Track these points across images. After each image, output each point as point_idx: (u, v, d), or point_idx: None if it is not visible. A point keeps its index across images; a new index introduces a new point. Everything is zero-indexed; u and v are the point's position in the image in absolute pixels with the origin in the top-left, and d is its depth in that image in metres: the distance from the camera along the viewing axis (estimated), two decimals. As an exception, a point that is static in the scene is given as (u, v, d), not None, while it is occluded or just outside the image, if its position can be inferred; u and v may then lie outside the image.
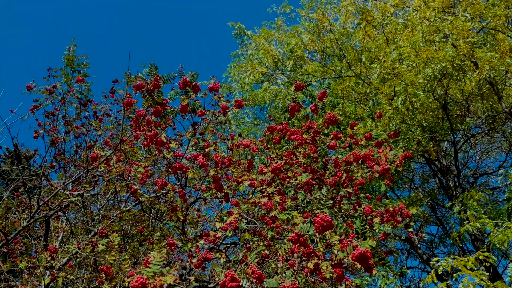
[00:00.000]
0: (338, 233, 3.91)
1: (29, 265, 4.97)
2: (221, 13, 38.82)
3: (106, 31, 36.59)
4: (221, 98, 5.09)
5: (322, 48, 12.31)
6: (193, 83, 4.78)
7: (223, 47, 41.04)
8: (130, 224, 6.23)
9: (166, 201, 5.71)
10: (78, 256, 5.34)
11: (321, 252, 4.01)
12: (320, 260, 4.04)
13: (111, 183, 5.76)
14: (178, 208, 5.24)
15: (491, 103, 10.36)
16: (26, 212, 5.92)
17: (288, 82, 12.90)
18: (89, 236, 5.51)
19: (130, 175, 5.27)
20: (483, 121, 11.63)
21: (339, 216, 5.80)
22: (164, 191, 5.46)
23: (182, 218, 5.20)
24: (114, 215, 5.99)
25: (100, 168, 5.09)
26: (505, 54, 8.45)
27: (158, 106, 4.52)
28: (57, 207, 5.20)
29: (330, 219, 2.98)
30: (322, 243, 4.04)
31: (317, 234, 3.51)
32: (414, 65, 8.55)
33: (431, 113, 9.63)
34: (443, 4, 9.07)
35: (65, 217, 5.98)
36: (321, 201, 4.73)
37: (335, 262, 3.59)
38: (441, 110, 9.71)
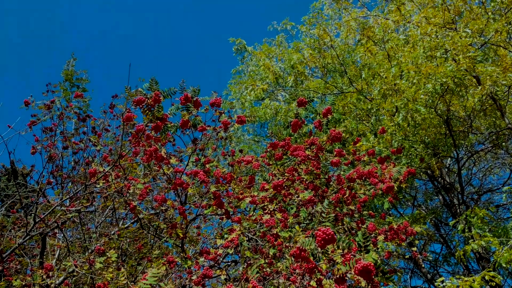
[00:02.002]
0: (340, 247, 3.81)
1: (24, 284, 4.83)
2: (221, 31, 39.15)
3: (106, 46, 36.84)
4: (223, 114, 5.02)
5: (323, 64, 12.30)
6: (195, 99, 4.72)
7: (223, 64, 41.33)
8: (128, 241, 6.09)
9: (166, 218, 5.59)
10: (75, 274, 5.20)
11: (324, 268, 3.90)
12: (323, 276, 3.92)
13: (110, 200, 5.65)
14: (177, 225, 5.13)
15: (494, 119, 10.30)
16: (22, 229, 5.79)
17: (289, 99, 12.87)
18: (86, 254, 5.37)
19: (129, 191, 5.16)
20: (486, 137, 11.55)
21: (341, 231, 5.69)
22: (163, 208, 5.36)
23: (181, 236, 5.08)
24: (112, 232, 5.86)
25: (98, 184, 4.99)
26: (507, 69, 8.42)
27: (158, 121, 4.44)
28: (53, 224, 5.08)
29: (332, 232, 2.90)
30: (324, 258, 3.94)
31: (319, 249, 3.41)
32: (415, 81, 8.51)
33: (433, 129, 9.56)
34: (444, 20, 9.07)
35: (62, 235, 5.85)
36: (323, 214, 4.63)
37: (338, 276, 3.48)
38: (443, 126, 9.65)
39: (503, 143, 11.77)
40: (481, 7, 9.27)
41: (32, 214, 4.86)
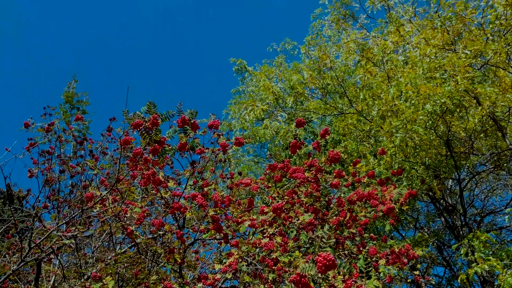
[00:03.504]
0: (341, 273, 3.73)
1: (17, 311, 4.72)
2: (221, 51, 39.40)
3: (105, 68, 36.97)
4: (221, 136, 4.97)
5: (323, 85, 12.32)
6: (192, 121, 4.67)
7: (223, 84, 41.44)
8: (125, 267, 5.98)
9: (163, 243, 5.50)
10: (70, 301, 5.09)
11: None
12: (324, 303, 3.83)
13: (107, 224, 5.56)
14: (175, 250, 5.03)
15: (495, 140, 10.25)
16: (17, 254, 5.69)
17: (289, 119, 12.85)
18: (82, 280, 5.26)
19: (126, 215, 5.09)
20: (488, 158, 11.48)
21: (342, 256, 5.59)
22: (161, 232, 5.27)
23: (179, 261, 4.99)
24: (109, 257, 5.75)
25: (95, 209, 4.92)
26: (507, 90, 8.40)
27: (156, 144, 4.39)
28: (49, 250, 4.99)
29: (333, 258, 2.85)
30: (325, 284, 3.85)
31: (319, 275, 3.35)
32: (413, 102, 8.49)
33: (434, 150, 9.50)
34: (443, 41, 9.09)
35: (58, 260, 5.75)
36: (323, 240, 4.54)
37: (339, 302, 3.40)
38: (444, 147, 9.58)
39: (505, 164, 11.69)
40: (480, 28, 9.32)
41: (28, 239, 4.77)
